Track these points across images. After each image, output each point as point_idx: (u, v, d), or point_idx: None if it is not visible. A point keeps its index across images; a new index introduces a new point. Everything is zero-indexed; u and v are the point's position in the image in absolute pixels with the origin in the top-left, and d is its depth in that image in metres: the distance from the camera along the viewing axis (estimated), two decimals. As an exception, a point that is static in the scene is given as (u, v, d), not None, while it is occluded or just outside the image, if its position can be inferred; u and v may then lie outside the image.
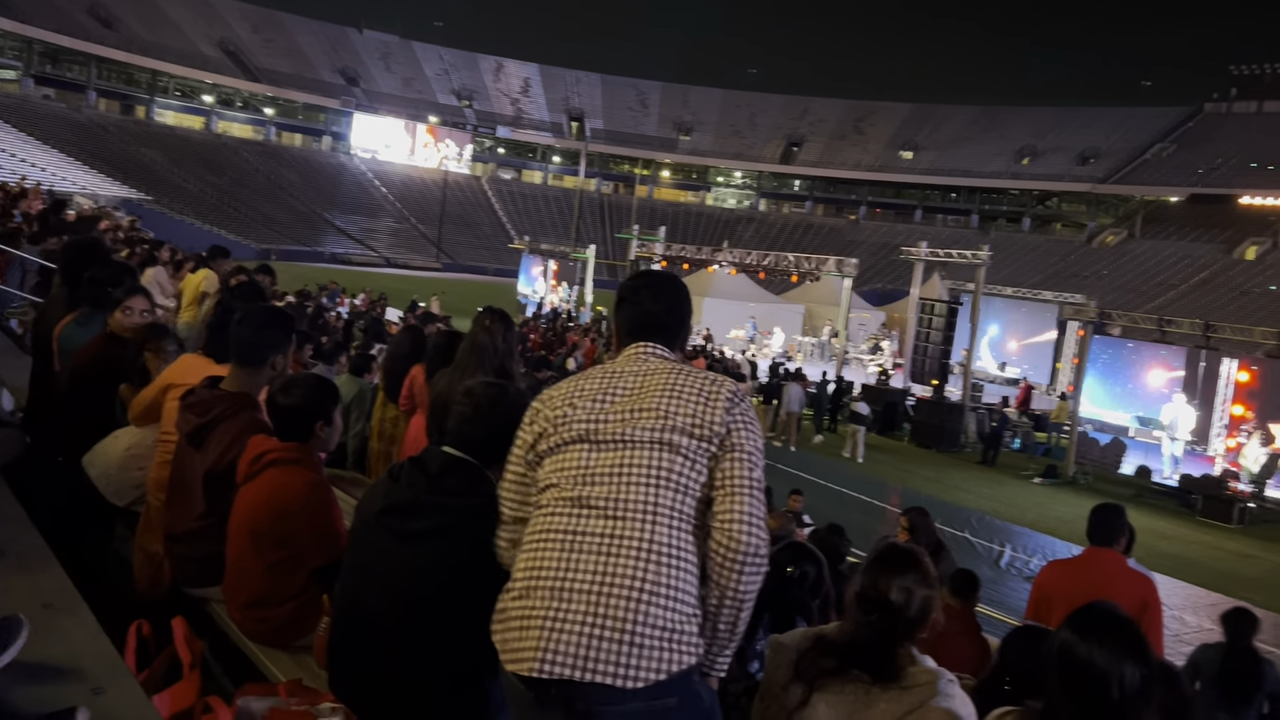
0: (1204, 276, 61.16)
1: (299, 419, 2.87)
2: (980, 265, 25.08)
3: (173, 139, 71.12)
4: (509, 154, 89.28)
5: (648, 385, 2.18)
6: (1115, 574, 4.62)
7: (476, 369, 4.11)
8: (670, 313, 2.36)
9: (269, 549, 2.71)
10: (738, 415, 2.13)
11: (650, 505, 2.05)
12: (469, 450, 2.51)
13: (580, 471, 2.12)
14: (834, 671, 2.25)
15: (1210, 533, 17.92)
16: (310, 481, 2.78)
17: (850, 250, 70.19)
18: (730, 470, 2.09)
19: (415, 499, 2.44)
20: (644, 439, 2.09)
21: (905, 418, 24.57)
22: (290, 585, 2.71)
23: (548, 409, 2.24)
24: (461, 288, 51.92)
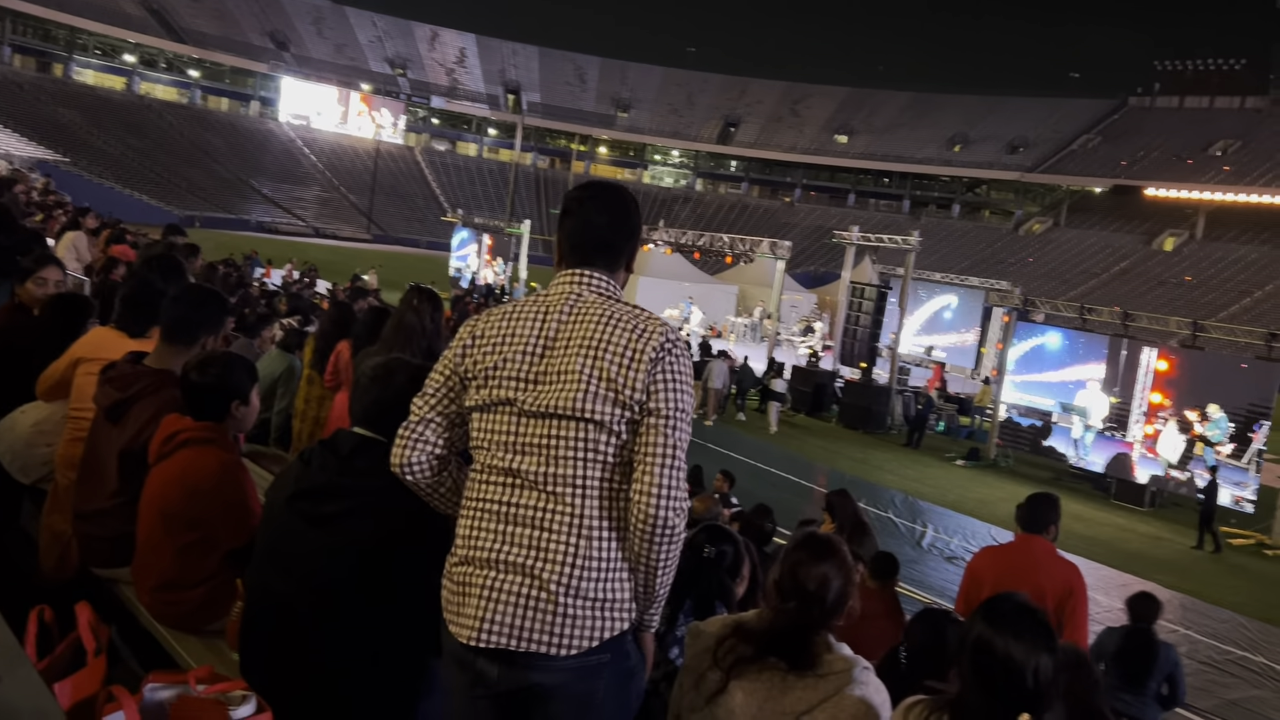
0: (1124, 266, 62.95)
1: (214, 398, 2.78)
2: (910, 251, 25.46)
3: (92, 99, 68.69)
4: (443, 125, 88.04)
5: (574, 337, 2.09)
6: (1043, 560, 4.75)
7: (404, 349, 4.05)
8: (616, 228, 2.24)
9: (181, 530, 2.63)
10: (661, 374, 2.06)
11: (579, 480, 2.06)
12: (377, 428, 2.46)
13: (509, 439, 2.11)
14: (751, 659, 2.26)
15: (1122, 515, 18.50)
16: (224, 462, 2.71)
17: (784, 232, 70.84)
18: (647, 438, 2.04)
19: (326, 482, 2.38)
20: (568, 412, 2.04)
21: (834, 400, 24.89)
22: (203, 567, 2.64)
23: (478, 349, 2.17)
24: (393, 260, 51.15)
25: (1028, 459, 21.98)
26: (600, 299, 2.15)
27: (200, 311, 3.18)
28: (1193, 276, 59.88)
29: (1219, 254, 61.70)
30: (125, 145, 63.81)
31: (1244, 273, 59.22)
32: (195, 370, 2.78)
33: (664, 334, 2.09)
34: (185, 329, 3.14)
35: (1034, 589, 4.59)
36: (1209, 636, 12.45)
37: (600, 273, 2.21)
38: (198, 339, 3.15)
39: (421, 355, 4.05)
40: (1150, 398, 19.40)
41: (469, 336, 2.20)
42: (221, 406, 2.79)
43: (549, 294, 2.20)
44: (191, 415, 2.77)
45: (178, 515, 2.63)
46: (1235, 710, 10.22)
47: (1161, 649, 5.79)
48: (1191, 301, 55.74)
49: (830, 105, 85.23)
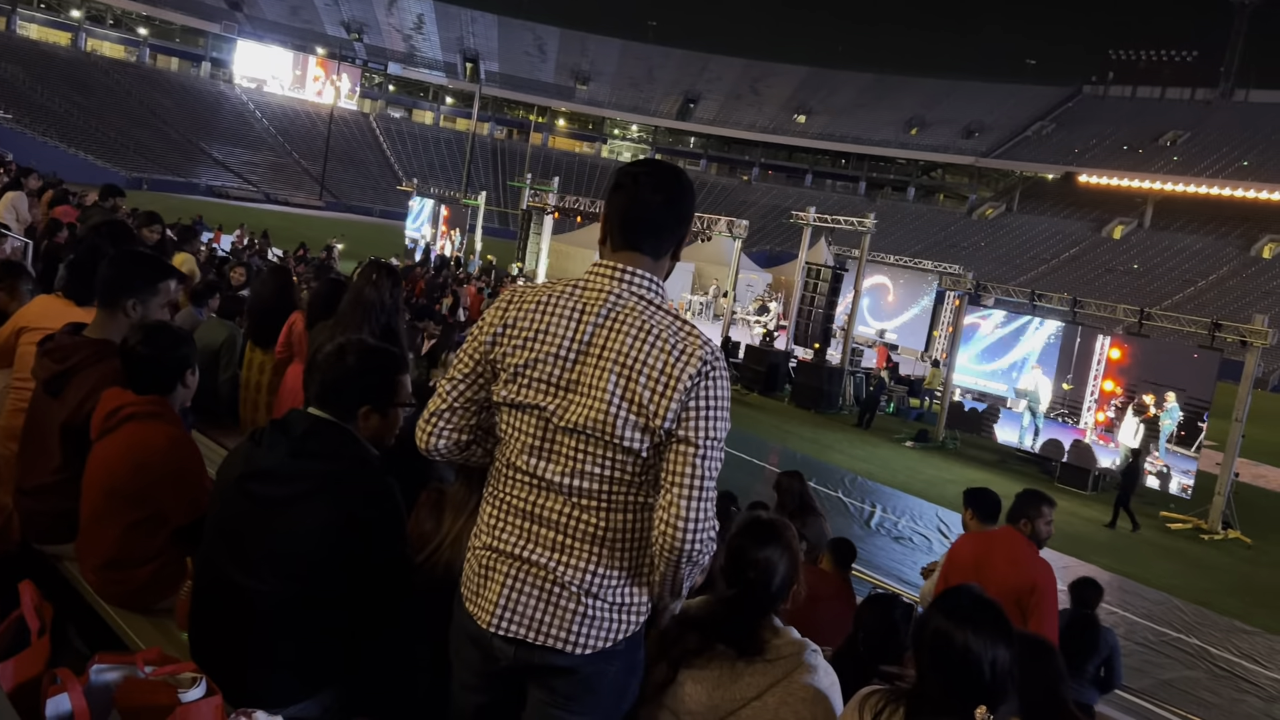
0: (1074, 253, 63.94)
1: (161, 371, 2.70)
2: (865, 233, 25.62)
3: (36, 54, 66.68)
4: (399, 92, 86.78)
5: (608, 348, 1.99)
6: (1024, 554, 4.87)
7: (361, 324, 3.99)
8: (670, 209, 2.12)
9: (127, 508, 2.56)
10: (696, 400, 1.97)
11: (604, 494, 2.03)
12: (330, 409, 2.41)
13: (536, 443, 2.06)
14: (698, 649, 2.25)
15: (1066, 499, 18.83)
16: (172, 437, 2.63)
17: (742, 211, 70.97)
18: (676, 466, 1.97)
19: (277, 464, 2.32)
20: (595, 433, 1.99)
21: (787, 379, 25.07)
22: (150, 545, 2.57)
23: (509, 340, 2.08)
24: (347, 228, 50.44)
25: (975, 441, 22.31)
26: (640, 305, 2.04)
27: (124, 274, 3.06)
28: (1140, 264, 61.03)
29: (1166, 243, 62.91)
30: (70, 103, 62.07)
31: (1189, 261, 60.47)
32: (141, 342, 2.69)
33: (703, 356, 1.98)
34: (113, 291, 3.04)
35: (1014, 582, 4.73)
36: (1145, 618, 12.77)
37: (643, 269, 2.10)
38: (118, 304, 3.04)
39: (379, 331, 3.99)
40: (1102, 385, 19.75)
41: (500, 324, 2.11)
42: (169, 379, 2.70)
43: (587, 287, 2.09)
44: (134, 389, 2.68)
45: (124, 492, 2.56)
46: (1169, 690, 10.50)
47: (1102, 634, 5.93)
48: (1138, 289, 56.81)
49: (790, 84, 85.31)
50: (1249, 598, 14.43)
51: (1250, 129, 65.52)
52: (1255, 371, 18.56)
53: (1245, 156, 63.28)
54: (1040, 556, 5.05)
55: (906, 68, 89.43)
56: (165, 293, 3.15)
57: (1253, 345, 17.63)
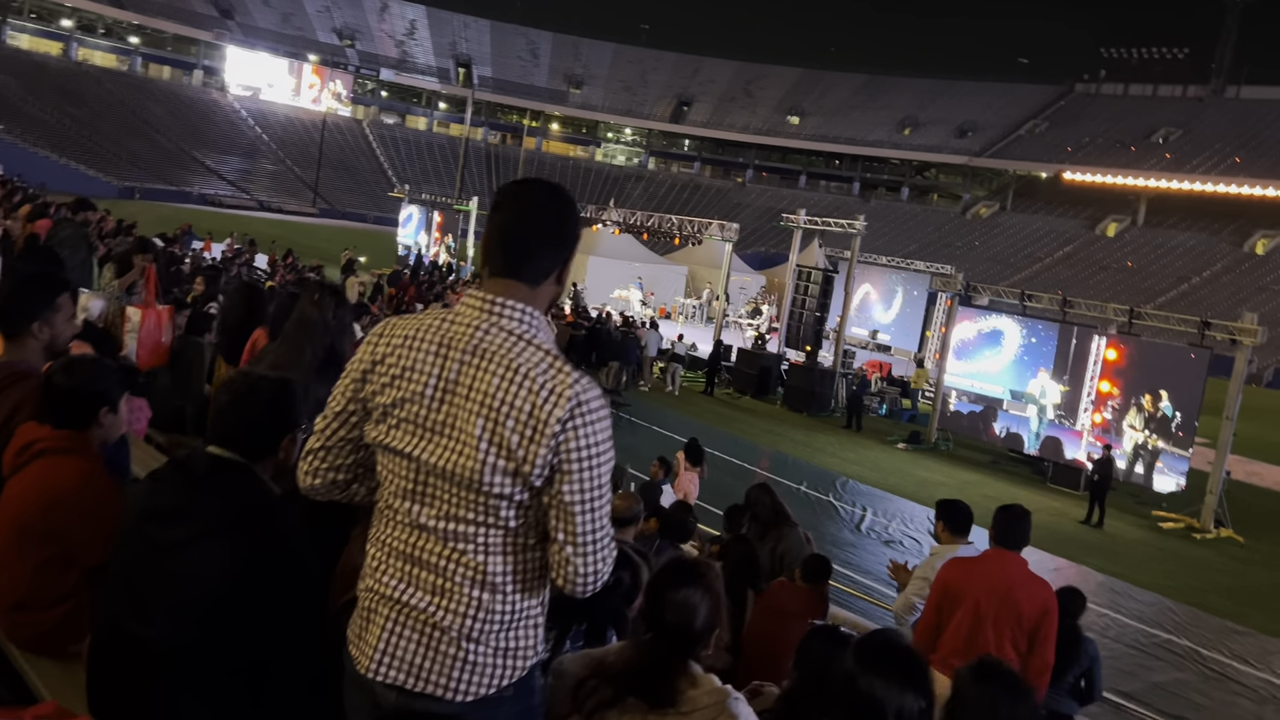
0: (1068, 251, 63.94)
1: (79, 404, 2.61)
2: (856, 235, 25.57)
3: (27, 64, 66.60)
4: (392, 98, 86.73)
5: (474, 388, 1.90)
6: (1021, 578, 4.73)
7: (305, 345, 3.93)
8: (550, 229, 2.02)
9: (37, 546, 2.47)
10: (568, 450, 1.87)
11: (481, 538, 1.95)
12: (233, 446, 2.32)
13: (409, 487, 1.98)
14: (611, 699, 2.15)
15: (1059, 499, 18.80)
16: (85, 473, 2.54)
17: (736, 213, 70.94)
18: (560, 521, 1.91)
19: (176, 504, 2.23)
20: (465, 480, 1.91)
21: (779, 382, 25.03)
22: (60, 585, 2.48)
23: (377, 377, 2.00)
24: (340, 235, 50.37)
25: (968, 442, 22.25)
26: (508, 341, 1.93)
27: (19, 297, 2.97)
28: (1134, 262, 61.02)
29: (1159, 240, 62.92)
30: (62, 113, 61.98)
31: (1183, 258, 60.48)
32: (61, 373, 2.61)
33: (573, 396, 1.87)
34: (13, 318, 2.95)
35: (1014, 609, 4.60)
36: (1136, 620, 12.71)
37: (518, 299, 1.98)
38: (24, 328, 2.95)
39: (324, 353, 3.93)
40: (1099, 386, 19.67)
41: (369, 360, 2.03)
42: (87, 413, 2.61)
43: (455, 320, 1.98)
44: (51, 422, 2.60)
45: (34, 530, 2.47)
46: (1159, 693, 10.43)
47: (1084, 644, 5.84)
48: (1132, 286, 56.82)
49: (783, 86, 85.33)
50: (1241, 597, 14.38)
51: (1242, 125, 65.57)
52: (1248, 369, 18.51)
53: (1238, 153, 63.31)
54: (1043, 579, 4.94)
55: (899, 68, 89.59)
56: (65, 307, 3.06)
57: (1242, 344, 17.56)
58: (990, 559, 4.79)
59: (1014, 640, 4.59)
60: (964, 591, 4.66)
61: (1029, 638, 4.62)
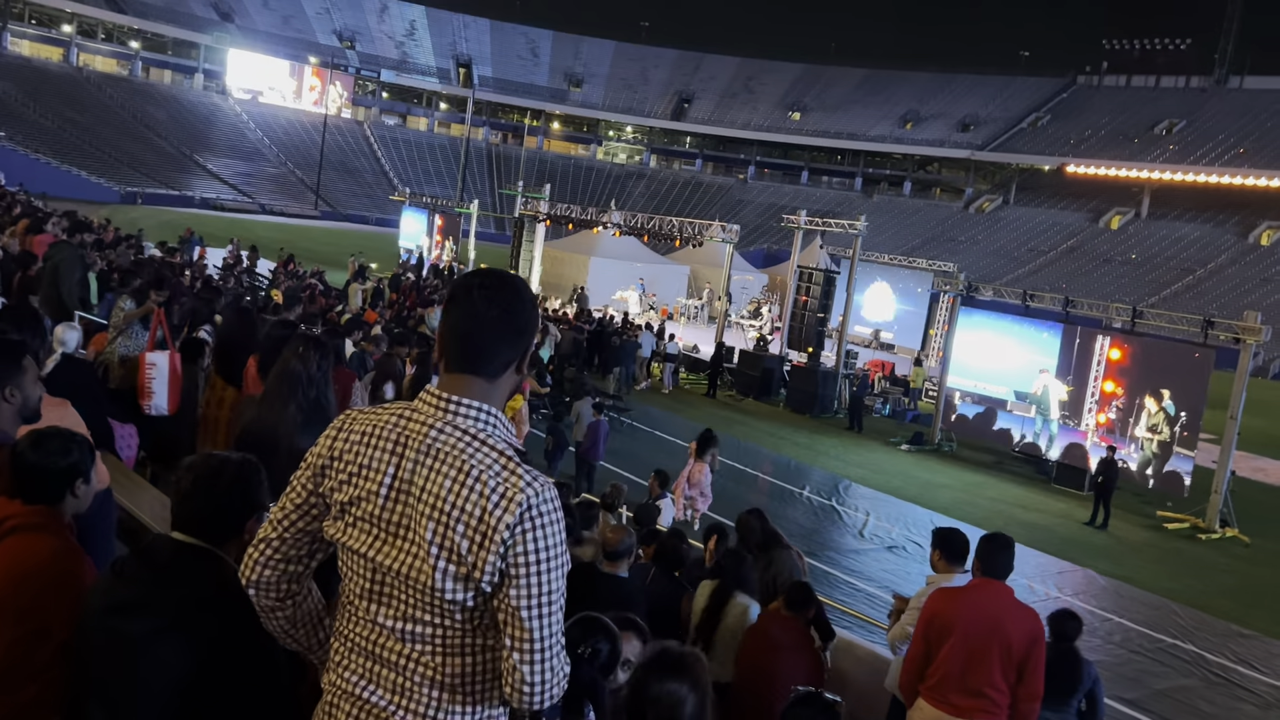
0: (1071, 244, 63.77)
1: (50, 480, 2.58)
2: (857, 235, 25.50)
3: (28, 71, 66.69)
4: (393, 99, 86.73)
5: (427, 489, 1.87)
6: (1009, 607, 4.71)
7: (289, 399, 3.92)
8: (505, 322, 1.97)
9: (8, 624, 2.43)
10: (519, 553, 1.84)
11: (438, 640, 1.91)
12: (196, 532, 2.29)
13: (367, 586, 1.96)
14: None
15: (1063, 500, 18.73)
16: (56, 549, 2.50)
17: (738, 210, 70.88)
18: (510, 629, 1.87)
19: (138, 595, 2.19)
20: (418, 585, 1.88)
21: (781, 384, 24.97)
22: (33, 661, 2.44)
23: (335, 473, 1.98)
24: (342, 237, 50.40)
25: (971, 443, 22.18)
26: (463, 442, 1.90)
27: None
28: (1138, 254, 60.85)
29: (1163, 232, 62.74)
30: (63, 119, 62.05)
31: (1188, 250, 60.31)
32: (30, 448, 2.58)
33: (524, 501, 1.83)
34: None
35: (1003, 639, 4.58)
36: (1141, 624, 12.64)
37: (474, 396, 1.96)
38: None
39: (309, 405, 3.92)
40: (1103, 386, 19.58)
41: (327, 454, 2.00)
42: (56, 489, 2.59)
43: (411, 417, 1.96)
44: (22, 498, 2.57)
45: (5, 607, 2.44)
46: (1163, 700, 10.38)
47: (1084, 666, 5.79)
48: (1137, 279, 56.69)
49: (784, 82, 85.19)
50: (1246, 599, 14.32)
51: (1246, 116, 65.32)
52: (1252, 364, 18.42)
53: (1241, 143, 63.09)
54: (1031, 608, 4.93)
55: (900, 63, 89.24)
56: (30, 369, 3.02)
57: (1245, 342, 17.47)
58: (977, 589, 4.76)
59: (1003, 670, 4.59)
60: (952, 622, 4.64)
61: (1018, 668, 4.60)
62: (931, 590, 5.04)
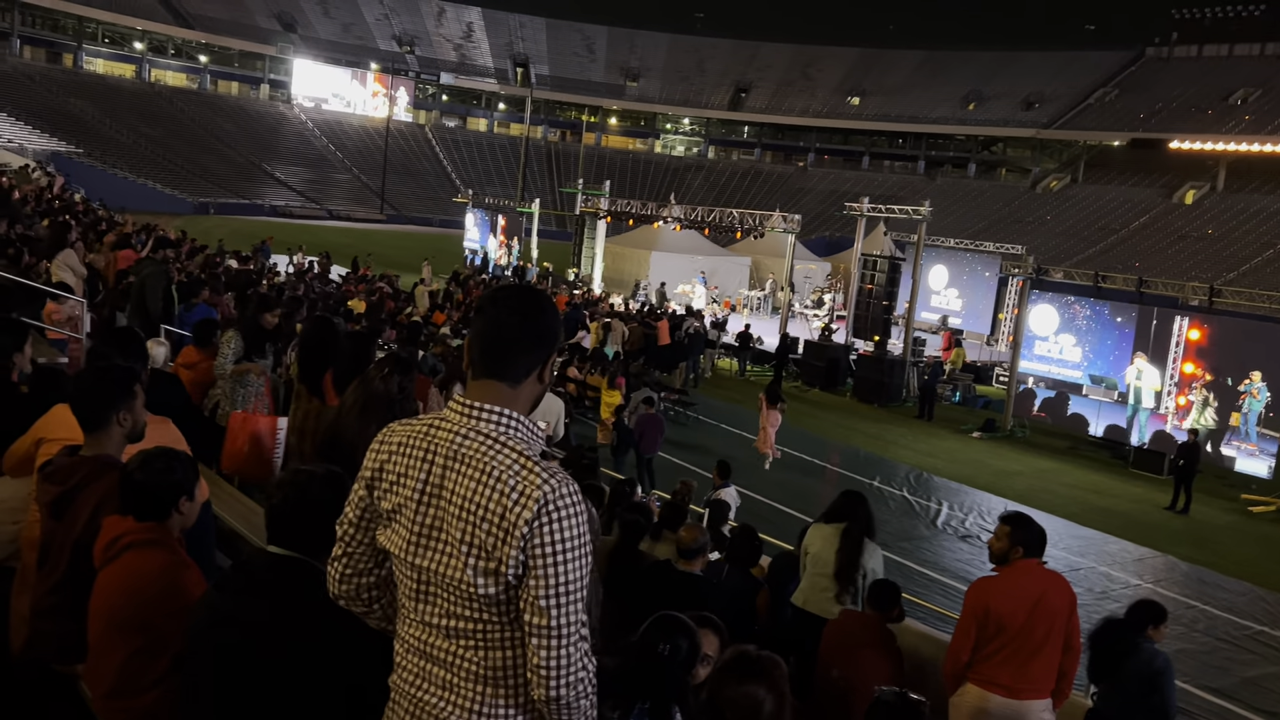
0: (1144, 221, 62.10)
1: (157, 497, 2.76)
2: (922, 220, 25.17)
3: (103, 88, 68.83)
4: (453, 101, 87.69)
5: (455, 493, 2.00)
6: (1046, 581, 4.77)
7: (370, 419, 4.08)
8: (526, 329, 2.08)
9: (128, 636, 2.61)
10: (538, 546, 1.93)
11: (479, 634, 2.03)
12: (292, 544, 2.42)
13: (413, 587, 2.09)
14: None
15: (1141, 485, 18.36)
16: (167, 564, 2.68)
17: (799, 198, 70.34)
18: (530, 615, 1.96)
19: (238, 608, 2.33)
20: (453, 584, 2.00)
21: (848, 373, 24.78)
22: (151, 672, 2.61)
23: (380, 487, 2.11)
24: (408, 240, 51.19)
25: (1045, 428, 21.82)
26: (484, 445, 2.01)
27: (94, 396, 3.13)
28: (1215, 229, 59.02)
29: (1241, 205, 60.73)
30: (137, 134, 63.95)
31: (1266, 224, 58.29)
32: (138, 469, 2.75)
33: (541, 497, 1.94)
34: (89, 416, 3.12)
35: (1049, 614, 4.65)
36: (1226, 611, 12.36)
37: (497, 401, 2.07)
38: (107, 420, 3.11)
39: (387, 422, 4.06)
40: (1183, 368, 19.11)
41: (375, 466, 2.14)
42: (165, 505, 2.76)
43: (440, 426, 2.08)
44: (133, 515, 2.75)
45: (123, 622, 2.62)
46: (1251, 689, 10.14)
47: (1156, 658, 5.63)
48: (1214, 255, 54.98)
49: (842, 67, 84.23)
50: (1337, 583, 13.91)
51: (1326, 81, 62.95)
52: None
53: (1322, 110, 60.81)
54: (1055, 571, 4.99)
55: (961, 42, 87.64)
56: (140, 394, 3.21)
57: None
58: (1019, 571, 4.76)
59: (1054, 644, 4.70)
60: (999, 608, 4.67)
61: (1064, 637, 4.72)
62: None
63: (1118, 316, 20.40)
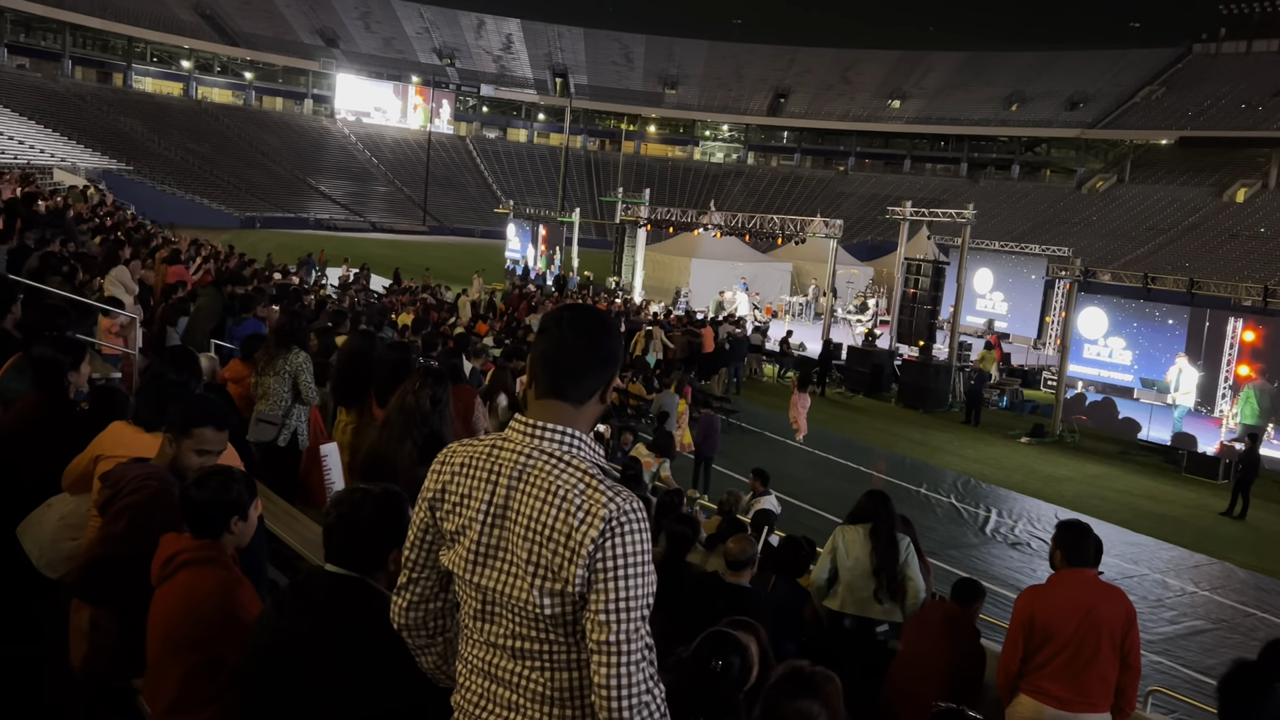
0: (1193, 220, 60.98)
1: (211, 515, 2.80)
2: (966, 223, 24.90)
3: (151, 106, 70.22)
4: (493, 112, 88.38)
5: (521, 513, 1.99)
6: (1100, 592, 4.66)
7: (406, 436, 4.11)
8: (591, 349, 2.08)
9: (185, 653, 2.65)
10: (602, 565, 1.92)
11: (545, 654, 2.01)
12: (346, 563, 2.43)
13: (478, 607, 2.08)
14: None
15: (1195, 490, 18.00)
16: (223, 581, 2.72)
17: (839, 202, 69.98)
18: (594, 633, 1.93)
19: (296, 627, 2.35)
20: (520, 604, 1.99)
21: (893, 379, 24.57)
22: (209, 687, 2.65)
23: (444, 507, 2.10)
24: (450, 251, 51.62)
25: (1094, 433, 21.47)
26: (549, 465, 2.01)
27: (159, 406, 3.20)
28: (1267, 228, 57.79)
29: (1294, 203, 59.49)
30: (185, 150, 65.17)
31: (1321, 221, 57.04)
32: (194, 486, 2.79)
33: (607, 515, 1.93)
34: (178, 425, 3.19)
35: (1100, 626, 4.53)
36: (1289, 620, 12.09)
37: (560, 421, 2.07)
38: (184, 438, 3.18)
39: (426, 438, 4.10)
40: (1237, 370, 18.74)
41: (437, 487, 2.13)
42: (219, 523, 2.80)
43: (504, 446, 2.08)
44: (191, 532, 2.79)
45: (181, 639, 2.65)
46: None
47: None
48: (1267, 254, 53.82)
49: (882, 70, 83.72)
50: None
51: (1381, 74, 61.45)
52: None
53: (1378, 104, 59.35)
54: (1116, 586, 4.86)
55: (1002, 43, 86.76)
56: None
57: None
58: (1066, 580, 4.68)
59: (1107, 658, 4.57)
60: (1048, 618, 4.59)
61: (1120, 652, 4.59)
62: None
63: (1169, 319, 20.04)
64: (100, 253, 12.08)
